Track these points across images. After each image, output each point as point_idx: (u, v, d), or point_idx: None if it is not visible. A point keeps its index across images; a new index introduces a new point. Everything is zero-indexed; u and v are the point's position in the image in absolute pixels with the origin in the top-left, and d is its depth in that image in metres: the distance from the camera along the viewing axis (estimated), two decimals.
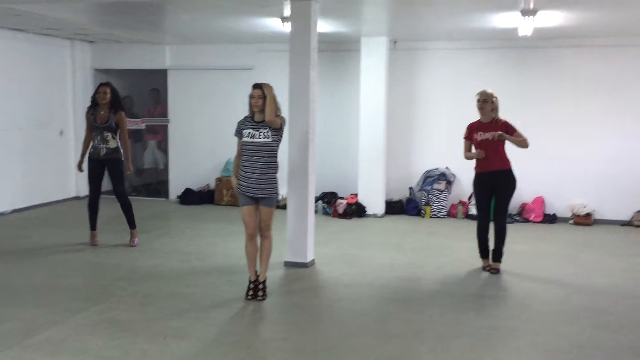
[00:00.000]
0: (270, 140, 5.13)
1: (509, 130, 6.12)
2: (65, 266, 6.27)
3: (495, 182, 6.16)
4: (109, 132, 6.87)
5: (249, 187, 5.16)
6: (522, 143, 6.11)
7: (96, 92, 6.90)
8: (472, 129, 6.27)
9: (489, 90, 6.23)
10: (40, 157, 9.64)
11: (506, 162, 6.18)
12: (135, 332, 4.43)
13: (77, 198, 10.47)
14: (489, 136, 6.09)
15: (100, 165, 6.91)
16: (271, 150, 5.17)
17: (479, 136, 6.17)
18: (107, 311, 4.91)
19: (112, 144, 6.88)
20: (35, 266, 6.23)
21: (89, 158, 6.96)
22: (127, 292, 5.42)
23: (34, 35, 9.42)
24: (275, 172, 5.25)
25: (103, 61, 10.75)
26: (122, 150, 6.97)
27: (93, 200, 7.05)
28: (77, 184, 10.53)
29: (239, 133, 5.26)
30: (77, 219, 8.87)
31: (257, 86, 5.19)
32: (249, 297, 5.26)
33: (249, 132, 5.16)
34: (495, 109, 6.20)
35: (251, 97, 5.18)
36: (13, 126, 9.11)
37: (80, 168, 7.26)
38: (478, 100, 6.22)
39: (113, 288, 5.54)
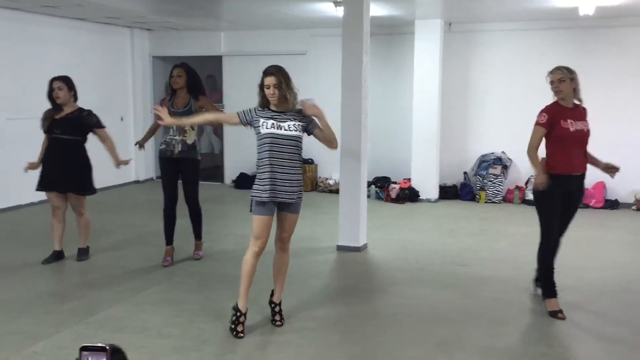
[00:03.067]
0: (299, 134, 4.16)
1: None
2: (126, 248, 6.51)
3: (573, 188, 4.68)
4: None
5: (275, 192, 4.11)
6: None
7: (170, 76, 5.84)
8: (554, 114, 4.54)
9: (563, 65, 4.69)
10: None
11: (585, 164, 4.78)
12: (193, 312, 4.58)
13: (137, 182, 10.81)
14: (581, 125, 4.58)
15: (175, 164, 5.73)
16: (299, 145, 4.21)
17: (571, 125, 4.53)
18: (166, 291, 5.10)
19: (190, 137, 5.68)
20: (98, 247, 6.48)
21: (160, 156, 5.82)
22: (185, 273, 5.60)
23: (95, 24, 9.72)
24: (301, 171, 4.33)
25: (160, 48, 11.01)
26: (199, 148, 5.85)
27: (169, 207, 5.83)
28: (137, 169, 10.85)
29: (249, 118, 4.25)
30: (136, 203, 9.18)
31: (269, 73, 4.24)
32: (239, 333, 4.14)
33: (272, 123, 4.14)
34: (577, 89, 4.61)
35: (265, 87, 4.19)
36: None
37: (140, 145, 6.05)
38: (552, 82, 4.60)
39: (172, 269, 5.72)
